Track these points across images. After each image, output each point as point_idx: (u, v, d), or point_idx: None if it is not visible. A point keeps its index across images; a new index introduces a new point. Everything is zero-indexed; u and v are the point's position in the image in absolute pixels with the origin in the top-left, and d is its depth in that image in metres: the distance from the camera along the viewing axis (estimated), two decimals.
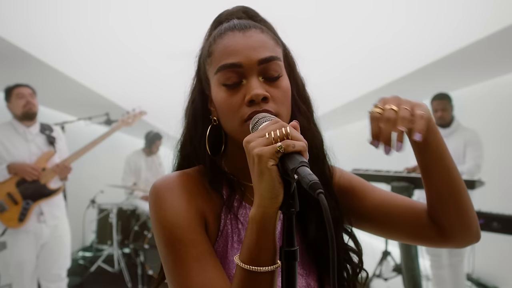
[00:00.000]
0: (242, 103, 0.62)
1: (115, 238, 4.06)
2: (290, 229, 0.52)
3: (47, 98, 4.06)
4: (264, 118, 0.58)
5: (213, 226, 0.65)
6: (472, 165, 2.81)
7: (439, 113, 2.97)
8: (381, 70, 3.77)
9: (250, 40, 0.64)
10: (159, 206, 0.62)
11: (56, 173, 2.52)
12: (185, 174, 0.68)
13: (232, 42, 0.64)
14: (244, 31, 0.64)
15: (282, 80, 0.65)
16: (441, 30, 2.74)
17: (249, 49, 0.63)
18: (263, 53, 0.63)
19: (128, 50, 3.18)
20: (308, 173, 0.46)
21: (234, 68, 0.63)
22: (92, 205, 4.34)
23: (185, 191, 0.64)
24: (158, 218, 0.62)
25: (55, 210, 2.59)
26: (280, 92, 0.64)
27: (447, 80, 3.89)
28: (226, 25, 0.67)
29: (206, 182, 0.67)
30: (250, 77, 0.63)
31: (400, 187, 2.33)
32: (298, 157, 0.49)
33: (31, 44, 2.83)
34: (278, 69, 0.64)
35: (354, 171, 2.65)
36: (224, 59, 0.63)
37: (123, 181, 4.43)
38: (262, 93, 0.61)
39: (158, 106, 5.13)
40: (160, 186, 0.64)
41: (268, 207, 0.51)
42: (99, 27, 2.72)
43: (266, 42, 0.65)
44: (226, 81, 0.63)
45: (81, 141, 2.79)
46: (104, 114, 3.54)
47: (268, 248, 0.53)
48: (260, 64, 0.63)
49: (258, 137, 0.52)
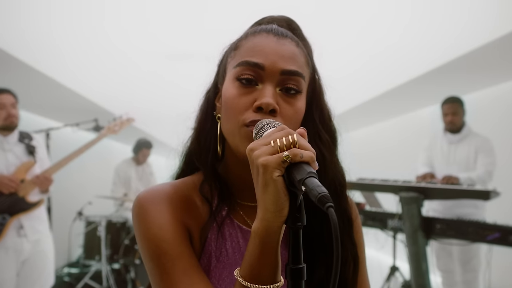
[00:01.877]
0: (249, 107, 0.62)
1: (103, 253, 4.01)
2: (296, 244, 0.51)
3: (31, 102, 4.05)
4: (269, 125, 0.57)
5: (197, 242, 0.65)
6: (483, 172, 2.80)
7: (449, 117, 2.96)
8: (386, 74, 3.77)
9: (282, 48, 0.64)
10: (143, 219, 0.63)
11: (36, 185, 2.48)
12: (172, 186, 0.68)
13: (264, 43, 0.64)
14: (279, 38, 0.65)
15: (298, 99, 0.64)
16: (448, 33, 2.76)
17: (277, 55, 0.63)
18: (290, 65, 0.63)
19: (119, 52, 3.18)
20: (317, 185, 0.45)
21: (255, 68, 0.62)
22: (79, 217, 4.30)
23: (169, 204, 0.65)
24: (143, 231, 0.62)
25: (37, 224, 2.55)
26: (292, 110, 0.63)
27: (455, 84, 3.91)
28: (264, 26, 0.68)
29: (195, 195, 0.67)
30: (267, 83, 0.62)
31: (409, 198, 2.31)
32: (306, 167, 0.48)
33: (13, 44, 2.82)
34: (298, 86, 0.64)
35: (359, 180, 2.63)
36: (249, 55, 0.63)
37: (112, 192, 4.40)
38: (272, 104, 0.60)
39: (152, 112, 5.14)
40: (143, 199, 0.65)
41: (272, 220, 0.50)
42: (89, 27, 2.72)
43: (297, 56, 0.65)
44: (243, 76, 0.63)
45: (67, 149, 2.77)
46: (92, 120, 3.52)
47: (271, 264, 0.53)
48: (282, 75, 0.63)
49: (262, 145, 0.51)
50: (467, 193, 2.26)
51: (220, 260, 0.65)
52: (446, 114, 2.98)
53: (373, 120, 6.03)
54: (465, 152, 2.93)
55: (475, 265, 2.86)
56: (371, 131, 6.31)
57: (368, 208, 2.88)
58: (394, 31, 2.77)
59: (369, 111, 5.34)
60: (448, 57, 3.13)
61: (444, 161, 3.01)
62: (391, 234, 2.85)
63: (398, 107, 5.13)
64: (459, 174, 2.78)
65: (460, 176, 2.73)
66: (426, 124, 4.51)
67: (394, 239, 3.02)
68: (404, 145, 5.02)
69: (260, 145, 0.51)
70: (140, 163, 4.57)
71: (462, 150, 2.94)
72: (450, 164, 2.96)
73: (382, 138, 5.92)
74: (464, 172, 2.85)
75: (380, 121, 5.99)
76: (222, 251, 0.65)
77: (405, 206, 2.34)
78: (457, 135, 2.98)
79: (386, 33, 2.81)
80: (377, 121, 6.04)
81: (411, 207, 2.31)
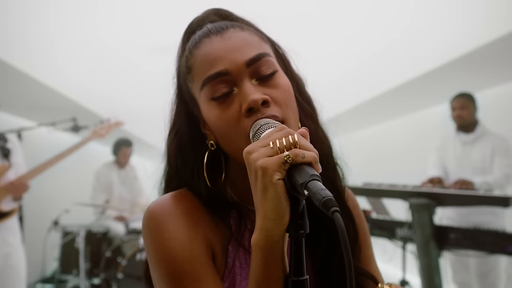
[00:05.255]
0: (240, 115, 0.61)
1: (82, 267, 3.99)
2: (298, 254, 0.51)
3: (0, 99, 4.01)
4: (267, 125, 0.57)
5: (220, 260, 0.64)
6: (501, 175, 2.81)
7: (456, 111, 2.98)
8: (393, 69, 3.78)
9: (231, 41, 0.64)
10: (160, 235, 0.61)
11: (9, 192, 2.46)
12: (184, 197, 0.67)
13: (211, 49, 0.63)
14: (222, 33, 0.65)
15: (278, 77, 0.65)
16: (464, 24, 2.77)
17: (232, 52, 0.63)
18: (249, 52, 0.63)
19: (100, 43, 3.16)
20: (320, 188, 0.45)
21: (220, 78, 0.62)
22: (54, 227, 4.27)
23: (188, 217, 0.64)
24: (160, 249, 0.61)
25: (7, 235, 2.52)
26: (280, 92, 0.63)
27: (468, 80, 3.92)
28: (200, 33, 0.67)
29: (209, 208, 0.67)
30: (242, 83, 0.62)
31: (420, 205, 2.32)
32: (308, 169, 0.48)
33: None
34: (270, 65, 0.64)
35: (365, 185, 2.63)
36: (207, 70, 0.63)
37: (92, 199, 4.38)
38: (260, 97, 0.60)
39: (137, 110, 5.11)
40: (158, 211, 0.63)
41: (273, 229, 0.50)
42: (65, 16, 2.70)
43: (249, 40, 0.65)
44: (215, 94, 0.63)
45: (42, 151, 2.75)
46: (70, 119, 3.50)
47: (278, 279, 0.52)
48: (249, 66, 0.62)
49: (260, 146, 0.51)
50: (483, 199, 2.27)
51: (244, 276, 0.64)
52: (454, 109, 3.01)
53: (379, 119, 6.05)
54: (480, 153, 2.94)
55: (494, 279, 2.87)
56: (378, 131, 6.33)
57: (374, 216, 2.88)
58: (402, 22, 2.78)
59: (375, 109, 5.36)
60: (460, 51, 3.14)
61: (457, 164, 3.02)
62: (400, 245, 2.85)
63: (406, 105, 5.16)
64: (474, 177, 2.79)
65: (475, 180, 2.74)
66: (437, 123, 4.53)
67: (404, 250, 3.02)
68: (413, 146, 5.04)
69: (258, 147, 0.51)
70: (122, 166, 4.55)
71: (477, 151, 2.95)
72: (464, 167, 2.96)
73: (389, 139, 5.94)
74: (480, 175, 2.86)
75: (387, 121, 6.01)
76: (245, 268, 0.65)
77: (416, 214, 2.35)
78: (471, 134, 2.99)
79: (393, 25, 2.82)
80: (383, 121, 6.06)
81: (422, 215, 2.32)
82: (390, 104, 5.09)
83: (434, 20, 2.75)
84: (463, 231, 2.31)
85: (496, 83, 4.02)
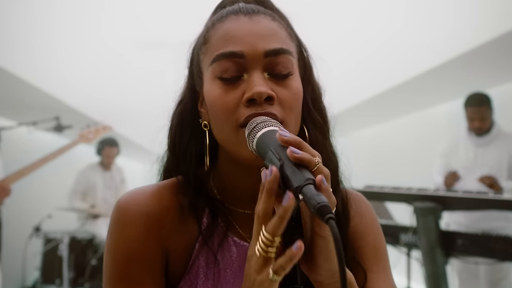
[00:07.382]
0: (240, 103, 0.62)
1: (65, 276, 3.98)
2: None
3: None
4: (264, 123, 0.57)
5: (182, 260, 0.66)
6: None
7: (476, 123, 2.90)
8: (398, 65, 3.79)
9: (257, 26, 0.64)
10: (116, 229, 0.65)
11: None
12: (159, 191, 0.69)
13: (235, 27, 0.64)
14: (251, 16, 0.65)
15: (292, 80, 0.64)
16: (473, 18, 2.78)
17: (254, 37, 0.62)
18: (272, 44, 0.63)
19: (83, 38, 3.15)
20: (315, 194, 0.46)
21: (234, 58, 0.62)
22: (36, 233, 4.26)
23: (149, 215, 0.66)
24: (109, 244, 0.65)
25: None
26: (289, 94, 0.63)
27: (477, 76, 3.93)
28: (230, 8, 0.68)
29: (185, 202, 0.68)
30: (253, 71, 0.62)
31: (425, 209, 2.32)
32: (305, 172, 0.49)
33: None
34: (289, 65, 0.64)
35: (367, 188, 2.64)
36: (222, 46, 0.63)
37: (69, 201, 4.37)
38: (266, 91, 0.60)
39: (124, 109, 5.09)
40: (123, 205, 0.66)
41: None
42: (46, 10, 2.68)
43: (276, 32, 0.65)
44: (223, 73, 0.63)
45: (22, 152, 2.74)
46: (53, 119, 3.50)
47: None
48: (267, 57, 0.62)
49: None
50: (493, 203, 2.27)
51: (208, 277, 0.65)
52: (472, 119, 2.92)
53: (382, 118, 6.07)
54: (495, 155, 2.91)
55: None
56: (380, 130, 6.35)
57: None
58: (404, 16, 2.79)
59: (378, 107, 5.37)
60: (469, 45, 3.15)
61: (470, 167, 2.96)
62: (404, 251, 2.86)
63: (410, 104, 5.17)
64: (503, 182, 2.74)
65: (503, 185, 2.70)
66: (443, 123, 4.55)
67: (408, 257, 3.03)
68: (418, 147, 5.05)
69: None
70: (107, 168, 4.52)
71: (492, 154, 2.91)
72: (477, 170, 2.91)
73: (392, 139, 5.96)
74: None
75: (390, 120, 6.03)
76: (211, 272, 0.66)
77: (421, 218, 2.35)
78: (485, 136, 2.95)
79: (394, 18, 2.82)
80: (387, 119, 6.08)
81: (427, 219, 2.32)
82: (393, 102, 5.10)
83: (439, 15, 2.76)
84: (471, 237, 2.31)
85: (509, 79, 4.02)
